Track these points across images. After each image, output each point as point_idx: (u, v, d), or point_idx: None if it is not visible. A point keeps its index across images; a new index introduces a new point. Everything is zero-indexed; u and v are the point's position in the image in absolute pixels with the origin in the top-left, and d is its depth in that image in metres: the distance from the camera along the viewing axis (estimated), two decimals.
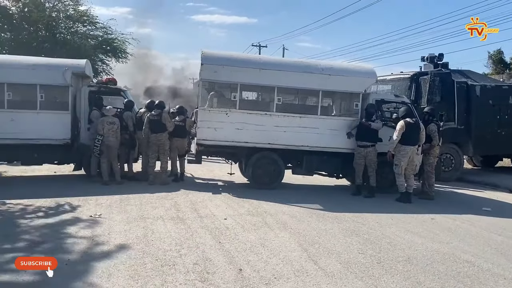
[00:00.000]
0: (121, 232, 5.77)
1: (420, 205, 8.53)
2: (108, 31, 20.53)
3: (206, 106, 9.51)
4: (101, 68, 20.91)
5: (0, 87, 9.56)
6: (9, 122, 9.25)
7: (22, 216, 6.62)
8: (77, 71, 9.95)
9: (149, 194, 8.32)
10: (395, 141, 8.64)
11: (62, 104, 9.92)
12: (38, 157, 9.84)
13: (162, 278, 4.20)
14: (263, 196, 8.44)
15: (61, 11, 20.03)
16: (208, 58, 9.27)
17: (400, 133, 8.56)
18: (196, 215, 6.91)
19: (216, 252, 5.05)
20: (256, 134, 9.30)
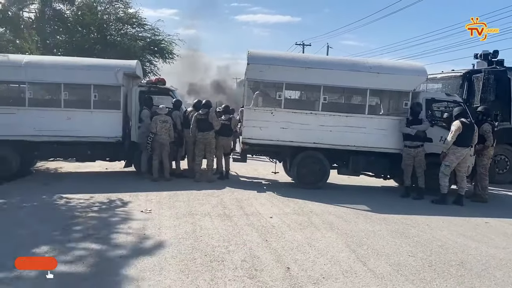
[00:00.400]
0: (171, 227, 5.94)
1: (473, 208, 8.19)
2: (156, 33, 21.14)
3: (252, 105, 9.59)
4: (149, 69, 21.54)
5: (57, 87, 10.12)
6: (65, 121, 9.73)
7: (77, 210, 6.96)
8: (128, 72, 10.32)
9: (196, 191, 8.49)
10: (449, 142, 8.32)
11: (114, 103, 10.34)
12: (92, 154, 10.29)
13: (211, 274, 4.29)
14: (308, 196, 8.40)
15: (112, 14, 20.83)
16: (254, 58, 9.34)
17: (456, 134, 8.23)
18: (242, 212, 6.99)
19: (263, 250, 5.08)
20: (301, 133, 9.28)
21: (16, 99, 10.45)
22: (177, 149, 10.26)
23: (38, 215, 6.60)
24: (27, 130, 9.57)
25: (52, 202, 7.45)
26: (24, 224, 5.98)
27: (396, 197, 9.01)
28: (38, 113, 9.69)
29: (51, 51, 18.07)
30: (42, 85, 10.71)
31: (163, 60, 21.69)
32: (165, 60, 21.67)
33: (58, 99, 10.04)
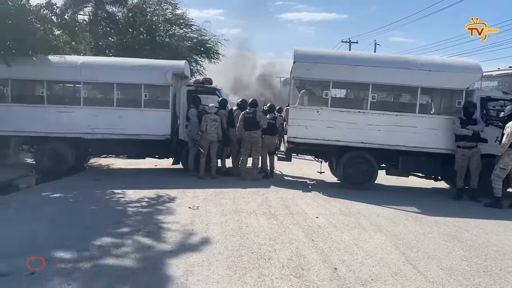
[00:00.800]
0: (218, 224, 6.03)
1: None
2: (202, 33, 21.53)
3: (297, 104, 9.54)
4: (195, 69, 21.97)
5: (110, 86, 10.54)
6: (117, 119, 10.13)
7: (127, 204, 7.22)
8: (177, 72, 10.58)
9: (241, 189, 8.57)
10: (505, 145, 7.90)
11: (163, 102, 10.63)
12: (142, 151, 10.65)
13: (258, 271, 4.31)
14: (355, 196, 8.26)
15: (160, 15, 21.42)
16: (301, 56, 9.29)
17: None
18: (288, 211, 6.97)
19: (310, 250, 5.05)
20: (348, 133, 9.13)
21: (72, 98, 11.00)
22: (223, 148, 10.40)
23: (91, 209, 6.90)
24: (82, 128, 10.05)
25: (104, 197, 7.76)
26: (78, 218, 6.27)
27: (448, 199, 8.67)
28: (92, 112, 10.15)
29: (103, 52, 18.82)
30: (96, 85, 11.19)
31: (208, 60, 22.08)
32: (210, 60, 22.04)
33: (111, 98, 10.46)
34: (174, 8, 21.53)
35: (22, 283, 3.85)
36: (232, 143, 10.37)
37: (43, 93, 10.20)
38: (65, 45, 13.63)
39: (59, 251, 4.71)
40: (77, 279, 3.99)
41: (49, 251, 4.68)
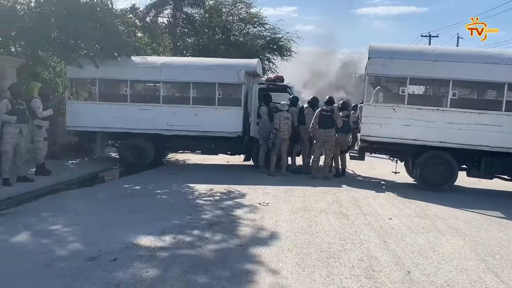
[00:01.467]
0: (287, 221, 6.06)
1: None
2: (276, 31, 21.67)
3: (372, 101, 9.28)
4: (268, 66, 22.19)
5: (187, 85, 11.02)
6: (193, 116, 10.57)
7: (201, 198, 7.52)
8: (249, 70, 10.79)
9: (312, 188, 8.52)
10: None
11: (235, 100, 10.90)
12: (215, 147, 11.01)
13: (327, 270, 4.27)
14: (432, 198, 7.86)
15: (235, 15, 21.91)
16: (376, 52, 9.02)
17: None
18: (359, 212, 6.82)
19: (382, 251, 4.90)
20: (425, 131, 8.72)
21: (152, 97, 11.65)
22: (293, 145, 10.40)
23: (168, 201, 7.29)
24: (160, 125, 10.61)
25: (180, 191, 8.14)
26: (156, 209, 6.64)
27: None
28: (170, 110, 10.68)
29: (181, 52, 19.68)
30: (174, 84, 11.75)
31: (281, 58, 22.18)
32: (283, 58, 22.13)
33: (187, 97, 10.94)
34: (248, 7, 21.95)
35: (108, 267, 4.16)
36: (303, 141, 10.34)
37: (127, 92, 10.94)
38: (146, 47, 14.47)
39: (138, 239, 5.04)
40: (155, 266, 4.23)
41: (130, 239, 5.02)
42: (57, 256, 4.48)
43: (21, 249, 4.72)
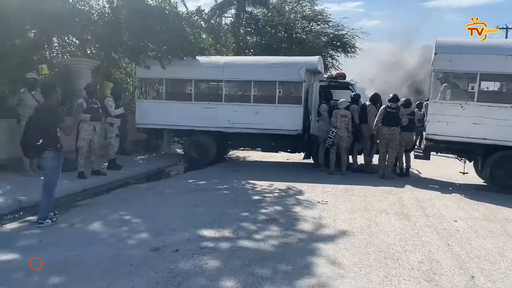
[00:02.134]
0: (346, 220, 6.02)
1: None
2: (340, 28, 21.31)
3: (438, 99, 8.89)
4: (331, 64, 21.89)
5: (248, 84, 11.24)
6: (253, 114, 10.74)
7: (261, 194, 7.68)
8: (310, 68, 10.77)
9: (373, 187, 8.36)
10: None
11: (296, 98, 10.95)
12: (275, 145, 11.15)
13: (385, 271, 4.21)
14: (503, 201, 7.41)
15: (298, 12, 21.83)
16: (443, 47, 8.64)
17: None
18: (422, 213, 6.59)
19: (445, 254, 4.73)
20: (497, 130, 8.23)
21: (214, 95, 11.98)
22: (354, 143, 10.23)
23: (230, 196, 7.51)
24: (222, 123, 10.91)
25: (241, 186, 8.35)
26: (218, 203, 6.88)
27: None
28: (232, 108, 10.94)
29: (243, 51, 19.99)
30: (236, 83, 12.02)
31: (345, 54, 21.79)
32: (347, 54, 21.72)
33: (248, 95, 11.15)
34: (312, 5, 21.76)
35: (170, 258, 4.41)
36: (364, 139, 10.13)
37: (191, 91, 11.37)
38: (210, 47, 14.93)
39: (200, 232, 5.27)
40: (215, 258, 4.42)
41: (192, 232, 5.27)
42: (126, 245, 4.82)
43: (95, 237, 5.13)
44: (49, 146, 5.44)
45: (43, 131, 5.41)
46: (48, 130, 5.45)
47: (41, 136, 5.38)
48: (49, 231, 5.33)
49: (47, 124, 5.46)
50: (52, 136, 5.48)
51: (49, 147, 5.44)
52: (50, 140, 5.45)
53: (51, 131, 5.48)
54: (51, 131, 5.48)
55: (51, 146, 5.45)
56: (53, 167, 5.57)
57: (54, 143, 5.48)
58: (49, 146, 5.43)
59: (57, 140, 5.53)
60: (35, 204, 6.21)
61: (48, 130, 5.45)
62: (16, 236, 5.14)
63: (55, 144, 5.48)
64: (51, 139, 5.46)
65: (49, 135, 5.45)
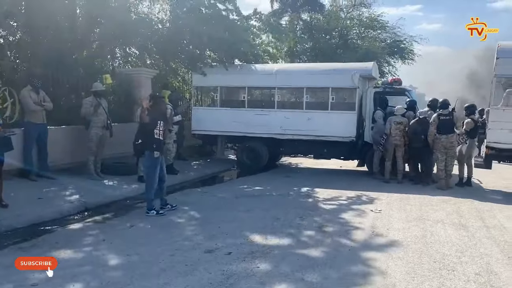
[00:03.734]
0: (399, 230, 5.91)
1: None
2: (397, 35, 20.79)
3: (501, 105, 8.48)
4: (387, 70, 21.39)
5: (300, 91, 11.32)
6: (306, 121, 10.77)
7: (313, 201, 7.73)
8: (364, 74, 10.65)
9: (430, 196, 8.11)
10: None
11: (349, 104, 10.87)
12: (327, 152, 11.09)
13: (439, 281, 4.12)
14: None
15: (355, 18, 21.56)
16: (506, 51, 8.30)
17: None
18: (482, 224, 6.33)
19: (504, 267, 4.53)
20: None
21: (267, 102, 12.15)
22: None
23: (282, 202, 7.60)
24: (275, 129, 11.04)
25: (293, 193, 8.41)
26: (270, 209, 6.99)
27: None
28: (284, 114, 11.05)
29: (297, 57, 20.05)
30: (288, 90, 12.12)
31: (402, 61, 21.24)
32: (404, 61, 21.16)
33: (301, 102, 11.22)
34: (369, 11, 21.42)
35: (223, 260, 4.58)
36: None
37: (244, 98, 11.62)
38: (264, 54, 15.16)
39: (252, 236, 5.42)
40: (265, 262, 4.53)
41: (244, 236, 5.43)
42: (181, 246, 5.05)
43: (152, 238, 5.42)
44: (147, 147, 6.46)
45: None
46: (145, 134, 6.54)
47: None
48: (111, 231, 5.70)
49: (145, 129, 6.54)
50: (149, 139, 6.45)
51: (146, 148, 6.46)
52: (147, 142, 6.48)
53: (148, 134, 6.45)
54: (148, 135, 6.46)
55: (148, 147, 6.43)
56: (148, 165, 6.63)
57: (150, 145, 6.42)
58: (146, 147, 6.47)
59: (154, 142, 6.42)
60: (97, 206, 6.72)
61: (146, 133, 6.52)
62: (82, 235, 5.55)
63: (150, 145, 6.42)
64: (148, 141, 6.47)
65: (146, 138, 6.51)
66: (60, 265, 4.19)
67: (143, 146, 6.60)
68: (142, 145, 6.66)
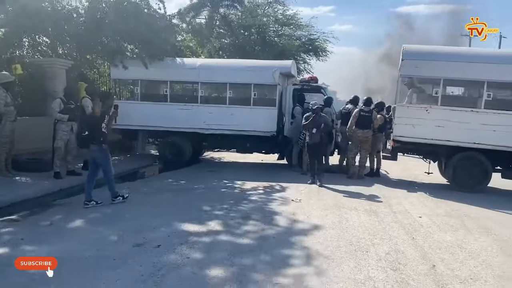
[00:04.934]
0: (318, 217, 6.34)
1: None
2: (311, 32, 21.77)
3: (405, 102, 9.38)
4: (303, 67, 22.34)
5: (223, 86, 11.45)
6: (229, 116, 10.96)
7: (237, 193, 7.93)
8: (284, 71, 11.10)
9: (344, 186, 8.75)
10: None
11: (270, 100, 11.25)
12: (250, 146, 11.40)
13: (355, 261, 4.54)
14: (464, 199, 7.92)
15: (271, 16, 22.18)
16: (409, 53, 9.13)
17: None
18: (390, 210, 7.00)
19: (409, 247, 5.11)
20: (459, 133, 8.75)
21: (190, 97, 12.15)
22: (327, 145, 10.57)
23: (206, 195, 7.71)
24: (198, 124, 11.08)
25: (217, 186, 8.56)
26: (195, 202, 7.07)
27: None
28: (207, 109, 11.14)
29: (217, 53, 20.16)
30: (211, 85, 12.21)
31: (316, 58, 22.29)
32: (318, 58, 22.23)
33: (224, 97, 11.37)
34: (284, 9, 22.13)
35: (152, 253, 4.60)
36: (344, 141, 10.41)
37: (167, 92, 11.49)
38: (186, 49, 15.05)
39: (180, 228, 5.48)
40: (197, 252, 4.65)
41: (172, 229, 5.47)
42: (107, 242, 4.97)
43: (75, 235, 5.25)
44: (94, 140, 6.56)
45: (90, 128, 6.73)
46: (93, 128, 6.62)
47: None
48: (29, 229, 5.40)
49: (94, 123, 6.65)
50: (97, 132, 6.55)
51: (93, 141, 6.56)
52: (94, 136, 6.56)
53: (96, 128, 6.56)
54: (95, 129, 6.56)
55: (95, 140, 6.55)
56: (101, 156, 6.67)
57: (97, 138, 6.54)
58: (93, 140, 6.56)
59: (101, 135, 6.55)
60: (11, 204, 6.32)
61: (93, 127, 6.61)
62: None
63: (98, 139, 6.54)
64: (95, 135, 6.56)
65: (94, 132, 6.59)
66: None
67: (90, 139, 6.68)
68: (88, 137, 6.74)
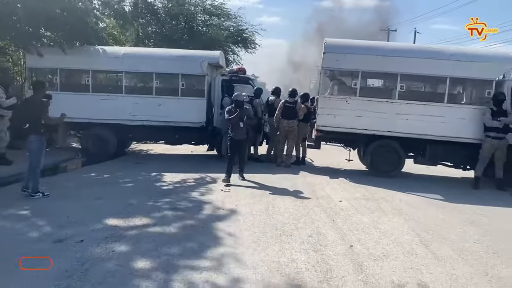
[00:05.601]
0: (246, 205, 6.51)
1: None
2: (240, 23, 21.86)
3: (327, 94, 9.83)
4: (232, 58, 22.40)
5: (150, 76, 11.21)
6: (156, 107, 10.73)
7: (165, 185, 7.87)
8: (212, 62, 11.09)
9: (271, 175, 9.03)
10: None
11: (199, 91, 11.20)
12: (179, 138, 11.24)
13: (280, 245, 4.76)
14: (381, 183, 8.54)
15: (199, 5, 21.91)
16: (331, 47, 9.56)
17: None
18: (313, 195, 7.37)
19: (330, 229, 5.44)
20: (376, 122, 9.36)
21: (114, 87, 11.71)
22: (256, 135, 10.81)
23: (132, 188, 7.58)
24: (123, 115, 10.72)
25: (144, 179, 8.42)
26: (121, 195, 6.92)
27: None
28: (133, 100, 10.81)
29: (143, 42, 19.56)
30: (137, 74, 11.88)
31: (245, 50, 22.45)
32: (247, 50, 22.41)
33: (150, 87, 11.13)
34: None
35: (75, 248, 4.46)
36: (272, 131, 10.69)
37: (89, 82, 10.97)
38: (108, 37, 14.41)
39: (105, 223, 5.35)
40: (122, 245, 4.59)
41: (96, 223, 5.32)
42: (26, 239, 4.73)
43: None
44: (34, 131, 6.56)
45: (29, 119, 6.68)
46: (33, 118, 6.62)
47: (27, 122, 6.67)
48: None
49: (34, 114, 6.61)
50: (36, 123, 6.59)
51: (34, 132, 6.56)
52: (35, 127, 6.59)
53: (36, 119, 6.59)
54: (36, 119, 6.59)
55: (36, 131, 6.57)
56: (35, 148, 6.67)
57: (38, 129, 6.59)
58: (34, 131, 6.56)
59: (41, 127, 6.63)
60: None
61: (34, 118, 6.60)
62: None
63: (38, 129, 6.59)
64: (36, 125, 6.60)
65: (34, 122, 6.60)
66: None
67: (30, 130, 6.66)
68: (29, 129, 6.69)
